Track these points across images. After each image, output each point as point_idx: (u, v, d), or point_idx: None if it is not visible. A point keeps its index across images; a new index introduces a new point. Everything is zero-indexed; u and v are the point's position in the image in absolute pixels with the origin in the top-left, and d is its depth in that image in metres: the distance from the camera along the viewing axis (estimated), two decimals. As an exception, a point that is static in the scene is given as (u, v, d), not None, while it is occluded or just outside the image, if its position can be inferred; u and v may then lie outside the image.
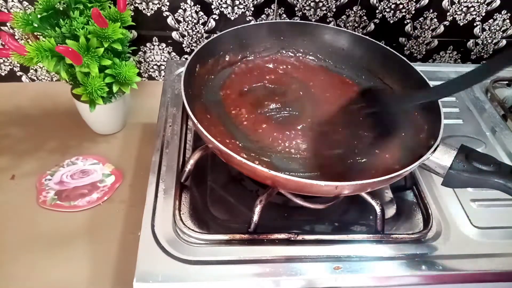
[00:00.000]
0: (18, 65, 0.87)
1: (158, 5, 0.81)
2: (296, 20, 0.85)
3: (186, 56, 0.90)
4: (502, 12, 0.88)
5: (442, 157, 0.51)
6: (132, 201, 0.68)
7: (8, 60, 0.86)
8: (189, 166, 0.58)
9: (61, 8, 0.67)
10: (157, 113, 0.68)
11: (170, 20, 0.84)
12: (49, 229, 0.63)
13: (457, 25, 0.89)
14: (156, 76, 0.93)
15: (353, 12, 0.86)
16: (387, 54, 0.67)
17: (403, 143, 0.59)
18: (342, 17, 0.86)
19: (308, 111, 0.63)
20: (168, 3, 0.81)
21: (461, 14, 0.88)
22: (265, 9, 0.84)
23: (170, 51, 0.88)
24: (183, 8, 0.82)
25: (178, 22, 0.84)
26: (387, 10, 0.86)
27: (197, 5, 0.82)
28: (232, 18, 0.84)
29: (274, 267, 0.49)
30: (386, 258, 0.52)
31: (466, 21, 0.89)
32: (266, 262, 0.50)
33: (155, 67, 0.91)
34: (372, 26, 0.88)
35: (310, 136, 0.59)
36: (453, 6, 0.86)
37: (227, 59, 0.68)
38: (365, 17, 0.87)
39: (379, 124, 0.61)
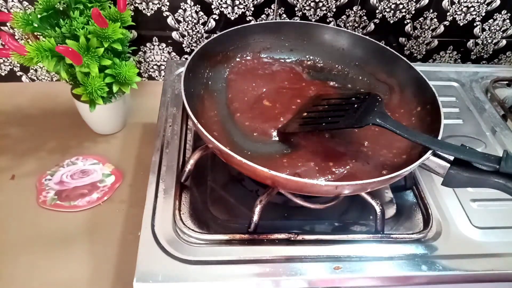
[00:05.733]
0: (18, 65, 0.87)
1: (158, 5, 0.81)
2: (296, 20, 0.85)
3: (186, 56, 0.90)
4: (502, 12, 0.88)
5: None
6: (132, 201, 0.68)
7: (8, 60, 0.86)
8: (189, 166, 0.58)
9: (61, 8, 0.67)
10: (157, 113, 0.68)
11: (170, 20, 0.84)
12: (49, 229, 0.63)
13: (457, 25, 0.89)
14: (156, 76, 0.93)
15: (353, 12, 0.86)
16: (387, 54, 0.67)
17: (403, 142, 0.59)
18: (342, 17, 0.86)
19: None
20: (168, 3, 0.81)
21: (461, 14, 0.88)
22: (265, 9, 0.84)
23: (170, 51, 0.88)
24: (183, 8, 0.82)
25: (178, 22, 0.84)
26: (387, 10, 0.86)
27: (197, 5, 0.82)
28: (232, 18, 0.84)
29: (274, 267, 0.49)
30: (386, 258, 0.52)
31: (466, 21, 0.89)
32: (266, 262, 0.50)
33: (155, 67, 0.91)
34: (372, 26, 0.88)
35: (313, 140, 0.59)
36: (453, 6, 0.86)
37: (226, 59, 0.68)
38: (365, 17, 0.87)
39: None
